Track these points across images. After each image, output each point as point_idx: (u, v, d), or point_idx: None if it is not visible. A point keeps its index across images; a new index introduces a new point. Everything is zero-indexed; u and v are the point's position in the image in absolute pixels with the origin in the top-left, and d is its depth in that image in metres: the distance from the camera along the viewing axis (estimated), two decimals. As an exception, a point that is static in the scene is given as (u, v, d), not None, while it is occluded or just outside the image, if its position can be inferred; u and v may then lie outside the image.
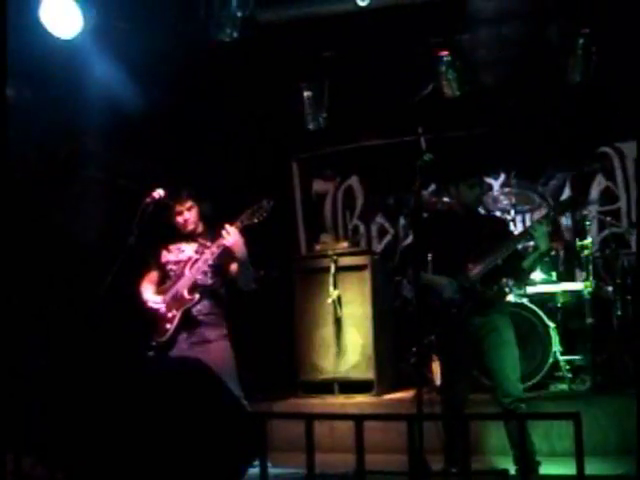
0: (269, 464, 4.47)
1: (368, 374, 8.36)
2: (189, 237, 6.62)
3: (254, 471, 4.47)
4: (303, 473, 4.36)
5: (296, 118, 9.70)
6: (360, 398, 8.29)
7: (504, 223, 7.11)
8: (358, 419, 3.97)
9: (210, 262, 6.41)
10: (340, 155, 10.39)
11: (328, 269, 8.52)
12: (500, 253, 6.19)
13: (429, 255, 6.69)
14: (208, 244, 6.42)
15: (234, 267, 6.44)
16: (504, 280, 6.74)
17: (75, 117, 8.07)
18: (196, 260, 6.44)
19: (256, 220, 6.28)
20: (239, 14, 7.66)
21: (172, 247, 6.66)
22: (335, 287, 8.47)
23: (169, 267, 6.61)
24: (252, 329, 8.57)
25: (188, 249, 6.59)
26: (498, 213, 8.56)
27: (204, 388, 4.27)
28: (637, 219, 9.02)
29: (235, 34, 7.74)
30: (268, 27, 8.38)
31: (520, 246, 6.52)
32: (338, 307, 8.46)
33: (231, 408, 4.30)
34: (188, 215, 6.54)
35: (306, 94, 9.58)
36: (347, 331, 8.48)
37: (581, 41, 8.55)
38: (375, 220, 10.52)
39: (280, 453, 6.91)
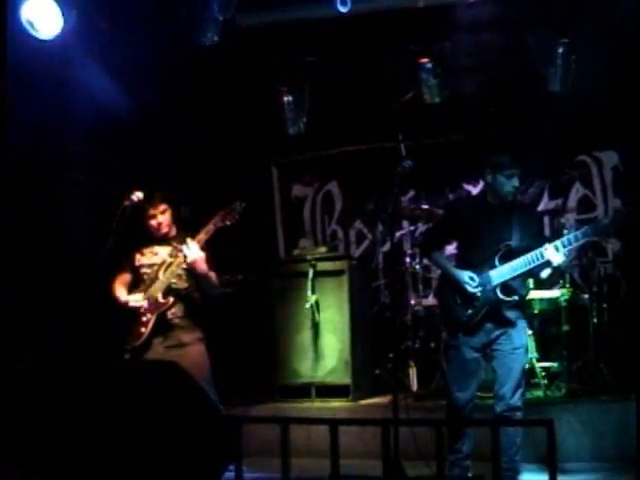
0: (244, 468, 4.47)
1: (345, 379, 8.36)
2: (163, 240, 6.60)
3: (230, 475, 4.48)
4: (279, 478, 4.38)
5: (276, 123, 9.71)
6: (337, 403, 8.29)
7: (539, 217, 6.78)
8: (333, 423, 3.98)
9: (184, 266, 6.40)
10: (320, 160, 10.38)
11: (306, 274, 8.52)
12: (526, 263, 6.01)
13: (454, 243, 6.60)
14: (182, 247, 6.40)
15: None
16: (528, 289, 6.56)
17: (57, 119, 8.05)
18: (170, 263, 6.44)
19: (228, 222, 6.31)
20: (220, 18, 7.67)
21: (146, 250, 6.63)
22: (313, 292, 8.47)
23: (143, 270, 6.59)
24: (230, 333, 8.58)
25: (162, 252, 6.57)
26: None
27: (180, 392, 4.27)
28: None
29: (216, 38, 7.76)
30: (249, 31, 8.39)
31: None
32: (316, 312, 8.45)
33: (207, 412, 4.30)
34: (162, 218, 6.53)
35: (286, 99, 9.59)
36: (324, 336, 8.48)
37: (560, 50, 8.60)
38: (354, 225, 10.52)
39: (257, 458, 6.92)
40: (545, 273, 6.17)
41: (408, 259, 8.90)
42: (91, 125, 8.23)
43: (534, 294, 8.19)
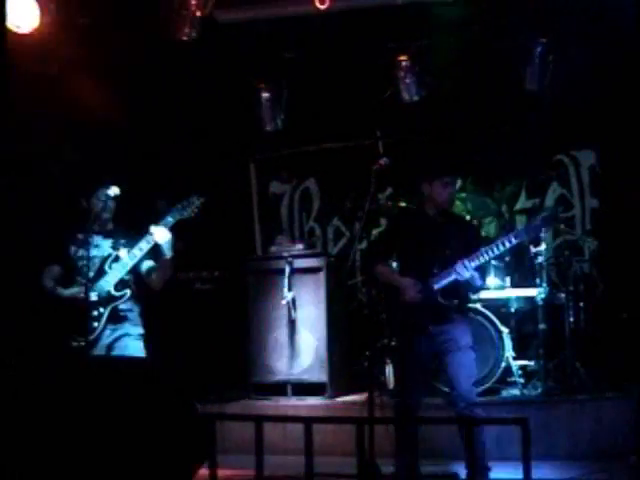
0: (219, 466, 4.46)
1: (321, 376, 8.35)
2: (103, 232, 6.45)
3: (204, 472, 4.47)
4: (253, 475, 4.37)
5: (254, 119, 9.69)
6: (313, 400, 8.28)
7: (475, 229, 6.89)
8: (307, 421, 3.98)
9: (136, 259, 6.27)
10: (298, 157, 10.36)
11: (283, 271, 8.50)
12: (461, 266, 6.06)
13: (395, 255, 6.66)
14: (123, 241, 6.33)
15: (150, 264, 6.40)
16: (466, 291, 6.64)
17: (28, 116, 7.99)
18: (117, 257, 6.33)
19: (186, 215, 6.20)
20: (198, 14, 7.64)
21: (82, 241, 6.39)
22: (290, 289, 8.45)
23: (82, 262, 6.32)
24: (206, 330, 8.55)
25: (104, 245, 6.41)
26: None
27: (154, 389, 4.24)
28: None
29: (194, 34, 7.73)
30: (227, 28, 8.36)
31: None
32: (292, 309, 8.44)
33: (180, 409, 4.27)
34: (112, 203, 6.38)
35: (264, 95, 9.58)
36: (301, 333, 8.46)
37: (538, 50, 8.62)
38: (331, 223, 10.53)
39: (233, 455, 6.91)
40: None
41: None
42: (63, 121, 8.17)
43: (511, 292, 8.25)
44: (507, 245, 6.08)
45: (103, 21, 7.91)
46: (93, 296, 6.26)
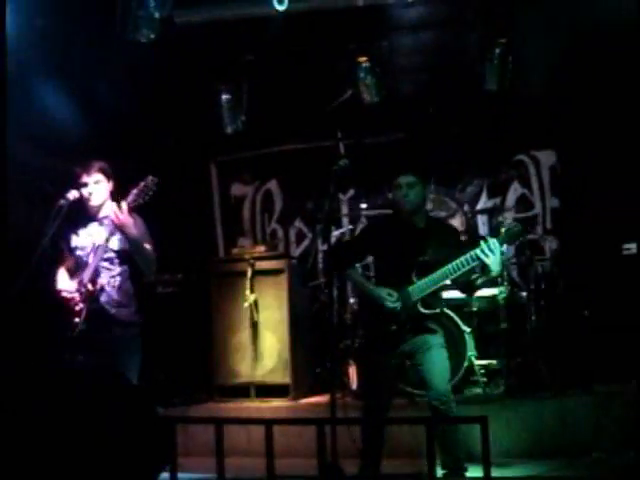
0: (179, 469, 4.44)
1: (284, 378, 8.34)
2: (98, 220, 6.23)
3: (165, 476, 4.44)
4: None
5: (215, 121, 9.65)
6: (276, 402, 8.27)
7: (456, 233, 6.81)
8: (268, 423, 3.97)
9: (107, 247, 6.02)
10: (259, 159, 10.36)
11: (245, 273, 8.47)
12: (446, 274, 5.96)
13: (368, 261, 6.64)
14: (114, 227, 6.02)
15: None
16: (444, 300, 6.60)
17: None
18: (98, 246, 6.04)
19: (142, 200, 5.92)
20: (157, 15, 7.61)
21: (80, 231, 6.24)
22: (252, 291, 8.42)
23: (78, 252, 6.19)
24: (168, 333, 8.50)
25: (96, 234, 6.16)
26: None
27: (114, 393, 4.21)
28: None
29: (152, 35, 7.69)
30: (186, 29, 8.33)
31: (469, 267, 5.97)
32: (255, 311, 8.41)
33: (141, 413, 4.24)
34: (93, 189, 6.15)
35: (224, 97, 9.55)
36: (264, 335, 8.44)
37: (498, 50, 8.67)
38: (294, 224, 10.52)
39: (197, 458, 6.89)
40: (480, 280, 6.18)
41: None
42: (29, 124, 8.10)
43: (472, 292, 8.26)
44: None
45: (61, 22, 7.84)
46: (75, 294, 6.04)
